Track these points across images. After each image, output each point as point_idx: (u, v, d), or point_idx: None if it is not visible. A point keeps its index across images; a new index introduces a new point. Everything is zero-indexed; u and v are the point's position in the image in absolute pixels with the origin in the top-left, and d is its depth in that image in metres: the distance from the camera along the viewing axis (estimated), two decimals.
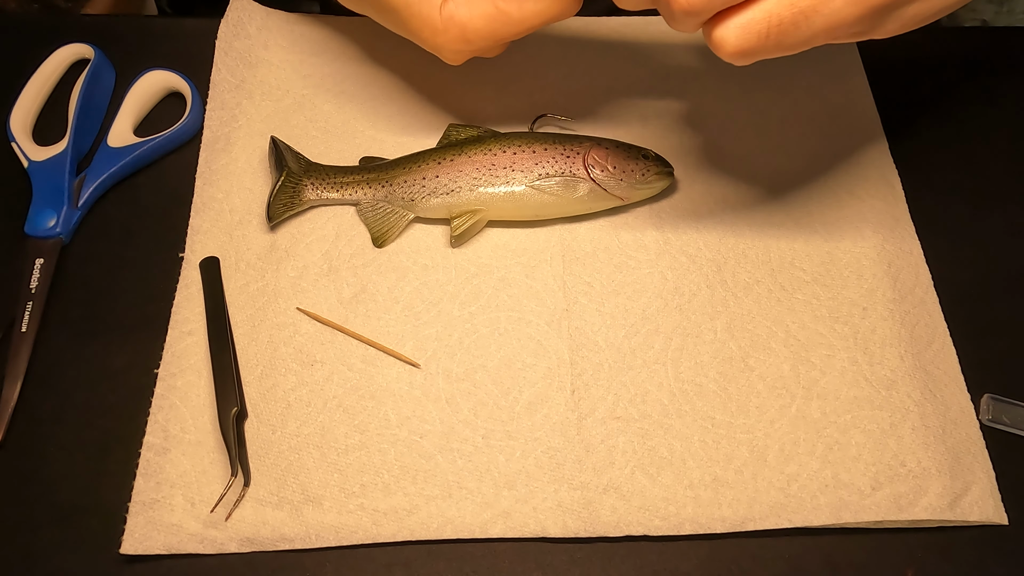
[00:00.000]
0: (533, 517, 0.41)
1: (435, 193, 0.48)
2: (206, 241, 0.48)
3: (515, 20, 0.41)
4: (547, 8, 0.40)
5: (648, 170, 0.49)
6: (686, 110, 0.54)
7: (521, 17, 0.40)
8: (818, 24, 0.34)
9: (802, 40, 0.34)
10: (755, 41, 0.34)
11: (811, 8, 0.33)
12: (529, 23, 0.41)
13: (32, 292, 0.46)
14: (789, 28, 0.34)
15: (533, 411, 0.43)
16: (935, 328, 0.47)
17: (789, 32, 0.34)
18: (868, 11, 0.34)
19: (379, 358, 0.45)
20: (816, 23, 0.34)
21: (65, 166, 0.49)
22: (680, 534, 0.41)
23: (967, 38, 0.60)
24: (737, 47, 0.34)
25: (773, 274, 0.48)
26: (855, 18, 0.34)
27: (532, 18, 0.41)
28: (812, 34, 0.34)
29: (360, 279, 0.47)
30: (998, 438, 0.44)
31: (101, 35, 0.56)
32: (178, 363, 0.44)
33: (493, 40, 0.42)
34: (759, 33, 0.34)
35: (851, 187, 0.51)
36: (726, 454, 0.42)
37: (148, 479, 0.41)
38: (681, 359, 0.45)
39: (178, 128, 0.51)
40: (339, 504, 0.41)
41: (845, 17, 0.34)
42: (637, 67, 0.56)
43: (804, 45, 0.35)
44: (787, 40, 0.34)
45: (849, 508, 0.41)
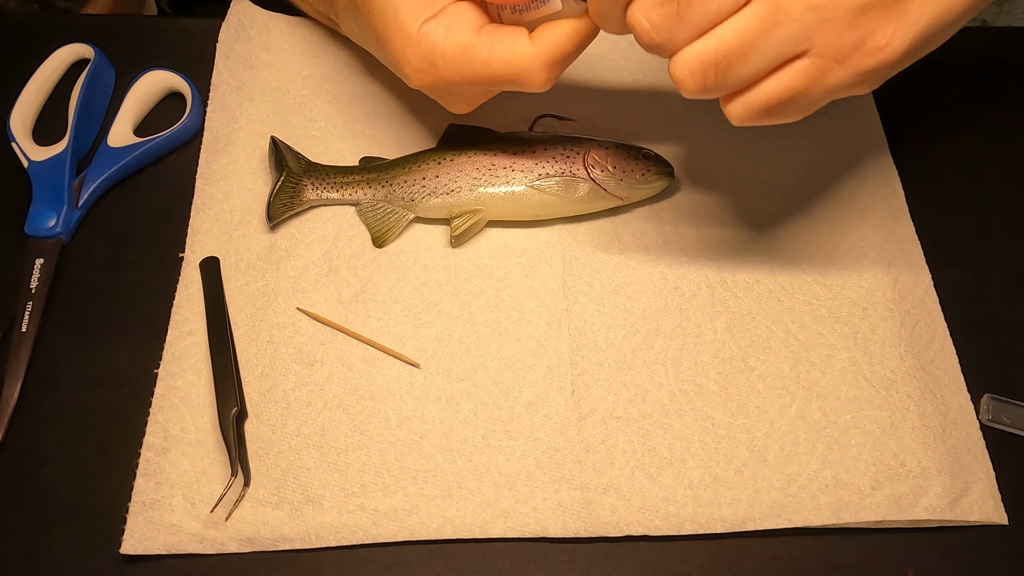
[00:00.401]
0: (533, 517, 0.41)
1: (435, 193, 0.48)
2: (206, 241, 0.48)
3: (482, 60, 0.39)
4: (514, 58, 0.39)
5: (648, 170, 0.49)
6: (686, 110, 0.54)
7: (488, 58, 0.39)
8: (764, 58, 0.34)
9: (748, 76, 0.35)
10: (700, 81, 0.34)
11: (759, 37, 0.33)
12: (494, 69, 0.39)
13: (32, 292, 0.46)
14: (735, 63, 0.34)
15: (533, 411, 0.43)
16: (935, 328, 0.47)
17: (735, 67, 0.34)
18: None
19: (379, 358, 0.45)
20: (762, 57, 0.34)
21: (65, 166, 0.49)
22: (680, 534, 0.41)
23: (967, 38, 0.60)
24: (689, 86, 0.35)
25: (773, 274, 0.48)
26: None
27: (498, 64, 0.39)
28: (760, 67, 0.34)
29: (360, 279, 0.47)
30: (998, 438, 0.44)
31: (101, 35, 0.56)
32: (178, 363, 0.44)
33: (458, 74, 0.40)
34: (704, 73, 0.34)
35: (851, 187, 0.51)
36: (726, 454, 0.42)
37: (148, 479, 0.41)
38: (681, 359, 0.45)
39: (178, 128, 0.51)
40: (339, 504, 0.41)
41: (795, 41, 0.33)
42: (637, 67, 0.56)
43: (744, 82, 0.35)
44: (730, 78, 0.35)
45: (849, 508, 0.41)
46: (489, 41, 0.39)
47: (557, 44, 0.39)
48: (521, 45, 0.39)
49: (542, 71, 0.39)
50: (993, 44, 0.59)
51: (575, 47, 0.39)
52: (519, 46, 0.39)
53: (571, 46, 0.39)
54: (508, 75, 0.39)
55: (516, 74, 0.39)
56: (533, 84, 0.40)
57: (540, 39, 0.39)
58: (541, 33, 0.39)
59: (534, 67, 0.39)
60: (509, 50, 0.39)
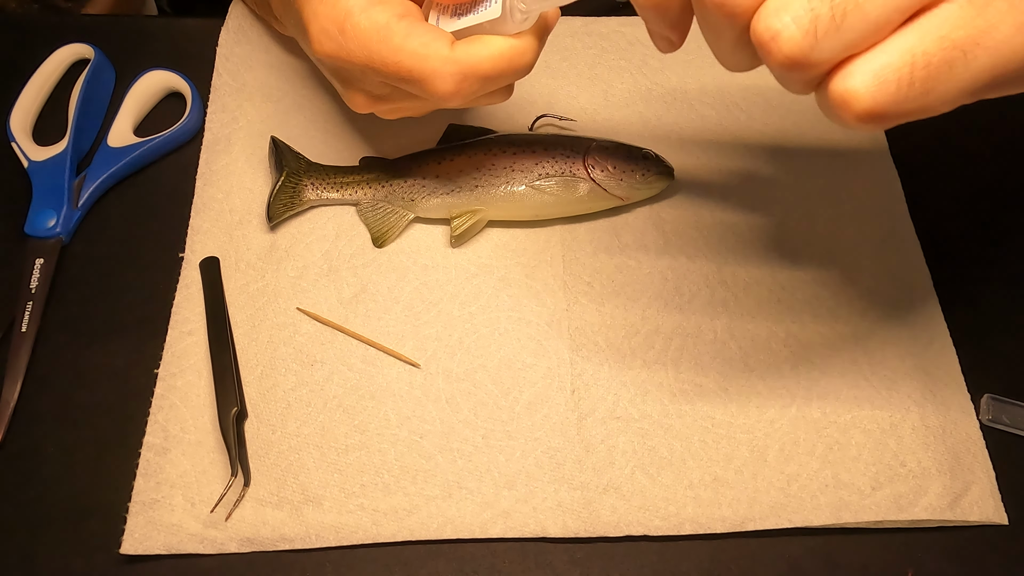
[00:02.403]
0: (533, 517, 0.41)
1: (435, 193, 0.48)
2: (206, 241, 0.48)
3: (392, 45, 0.36)
4: (426, 55, 0.36)
5: (648, 170, 0.49)
6: (686, 110, 0.54)
7: (400, 46, 0.36)
8: (980, 63, 0.25)
9: (959, 88, 0.26)
10: (894, 93, 0.26)
11: (969, 41, 0.25)
12: (401, 60, 0.36)
13: (32, 292, 0.46)
14: (941, 71, 0.26)
15: (533, 411, 0.43)
16: (935, 328, 0.47)
17: (941, 77, 0.26)
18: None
19: (379, 358, 0.45)
20: (977, 62, 0.25)
21: (65, 166, 0.49)
22: (680, 534, 0.41)
23: None
24: (871, 104, 0.26)
25: (773, 274, 0.48)
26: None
27: (407, 56, 0.36)
28: (971, 78, 0.26)
29: (360, 279, 0.47)
30: (998, 438, 0.44)
31: (101, 35, 0.56)
32: (178, 363, 0.44)
33: (363, 52, 0.37)
34: (899, 82, 0.26)
35: (851, 187, 0.51)
36: (726, 454, 0.42)
37: (148, 479, 0.41)
38: (681, 359, 0.45)
39: (178, 128, 0.51)
40: (339, 504, 0.41)
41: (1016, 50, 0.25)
42: (637, 67, 0.56)
43: (960, 97, 0.27)
44: (938, 89, 0.26)
45: (849, 508, 0.41)
46: (407, 30, 0.36)
47: (476, 60, 0.36)
48: (438, 46, 0.36)
49: (450, 79, 0.36)
50: None
51: (495, 71, 0.36)
52: (435, 46, 0.36)
53: (491, 67, 0.36)
54: (414, 71, 0.36)
55: (422, 74, 0.36)
56: (438, 91, 0.36)
57: (461, 48, 0.36)
58: (465, 43, 0.36)
59: (443, 72, 0.36)
60: (424, 45, 0.36)
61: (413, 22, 0.37)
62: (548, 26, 0.37)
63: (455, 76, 0.36)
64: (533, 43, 0.37)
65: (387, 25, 0.36)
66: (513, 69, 0.36)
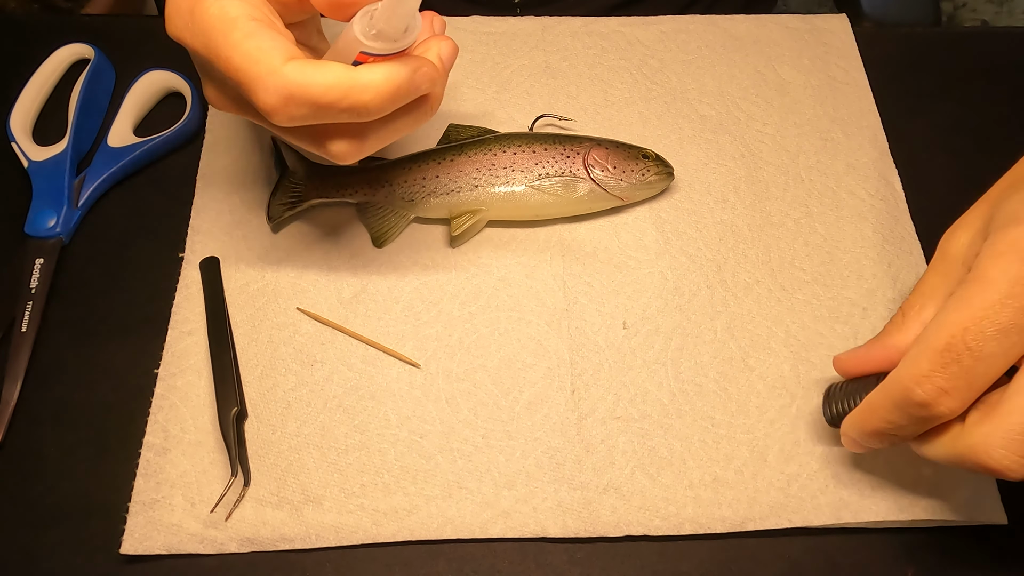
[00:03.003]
0: (533, 517, 0.41)
1: (435, 193, 0.48)
2: (206, 241, 0.48)
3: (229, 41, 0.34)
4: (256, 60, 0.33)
5: (648, 170, 0.49)
6: (686, 110, 0.54)
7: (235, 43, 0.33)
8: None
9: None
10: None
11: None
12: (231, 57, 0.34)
13: (32, 292, 0.46)
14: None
15: (533, 411, 0.43)
16: None
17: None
18: None
19: (379, 358, 0.45)
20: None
21: (65, 166, 0.49)
22: (680, 534, 0.41)
23: (967, 38, 0.60)
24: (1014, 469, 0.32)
25: (773, 274, 0.48)
26: None
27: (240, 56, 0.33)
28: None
29: (360, 279, 0.47)
30: None
31: (101, 35, 0.56)
32: (178, 363, 0.44)
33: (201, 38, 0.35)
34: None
35: (851, 187, 0.51)
36: (726, 454, 0.42)
37: (148, 479, 0.41)
38: (681, 359, 0.45)
39: (178, 128, 0.51)
40: (339, 504, 0.41)
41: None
42: (637, 67, 0.56)
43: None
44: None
45: (849, 508, 0.41)
46: (251, 31, 0.34)
47: (306, 82, 0.33)
48: (272, 56, 0.33)
49: (273, 93, 0.33)
50: (993, 44, 0.59)
51: (325, 99, 0.33)
52: (269, 55, 0.33)
53: (320, 94, 0.33)
54: (241, 73, 0.34)
55: (248, 77, 0.33)
56: (260, 102, 0.33)
57: (295, 66, 0.33)
58: (303, 63, 0.33)
59: (268, 85, 0.33)
60: (259, 50, 0.33)
61: (262, 26, 0.34)
62: (404, 77, 0.34)
63: (279, 92, 0.33)
64: (381, 83, 0.33)
65: (234, 20, 0.34)
66: (349, 104, 0.33)
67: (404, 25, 0.34)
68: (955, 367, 0.32)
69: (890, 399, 0.35)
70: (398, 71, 0.34)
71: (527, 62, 0.56)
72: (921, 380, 0.33)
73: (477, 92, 0.54)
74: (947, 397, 0.33)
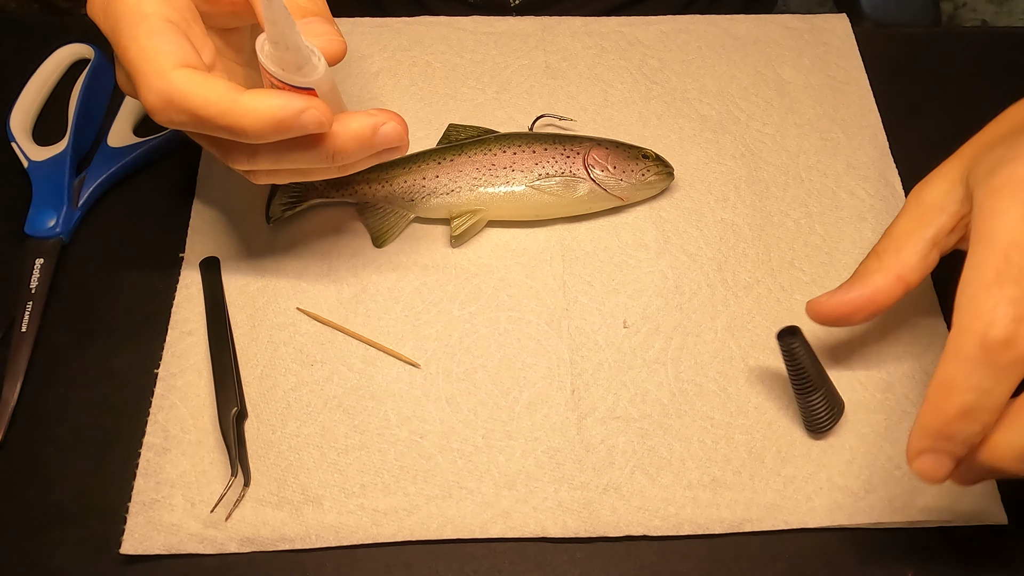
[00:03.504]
0: (533, 517, 0.41)
1: (435, 193, 0.48)
2: (206, 241, 0.48)
3: (132, 33, 0.34)
4: (147, 58, 0.34)
5: (648, 170, 0.49)
6: (686, 110, 0.54)
7: (136, 35, 0.34)
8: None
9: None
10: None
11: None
12: (128, 48, 0.34)
13: (32, 292, 0.46)
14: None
15: (533, 411, 0.43)
16: (935, 329, 0.47)
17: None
18: None
19: (379, 358, 0.45)
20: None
21: (65, 166, 0.49)
22: (679, 534, 0.41)
23: (967, 38, 0.60)
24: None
25: (773, 274, 0.48)
26: None
27: (136, 50, 0.34)
28: None
29: (360, 279, 0.47)
30: None
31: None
32: (178, 363, 0.44)
33: (109, 22, 0.35)
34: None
35: (851, 187, 0.51)
36: (724, 455, 0.42)
37: (148, 479, 0.41)
38: (681, 359, 0.45)
39: None
40: (339, 504, 0.41)
41: None
42: (637, 67, 0.56)
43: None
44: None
45: (843, 510, 0.41)
46: (154, 30, 0.34)
47: (187, 89, 0.33)
48: (164, 58, 0.34)
49: (156, 94, 0.34)
50: (993, 44, 0.59)
51: (203, 112, 0.34)
52: (163, 56, 0.34)
53: (199, 105, 0.34)
54: (132, 66, 0.34)
55: (137, 72, 0.34)
56: (143, 99, 0.34)
57: (182, 73, 0.34)
58: (194, 73, 0.34)
59: (152, 85, 0.34)
60: (154, 49, 0.34)
61: (169, 28, 0.35)
62: (288, 111, 0.34)
63: (161, 94, 0.34)
64: (261, 111, 0.34)
65: (144, 16, 0.35)
66: (227, 123, 0.34)
67: (295, 60, 0.35)
68: (1015, 288, 0.30)
69: (967, 358, 0.31)
70: (283, 104, 0.34)
71: (527, 62, 0.56)
72: (991, 318, 0.30)
73: (477, 92, 0.54)
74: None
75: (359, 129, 0.37)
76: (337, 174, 0.40)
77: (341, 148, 0.37)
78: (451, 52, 0.56)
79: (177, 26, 0.35)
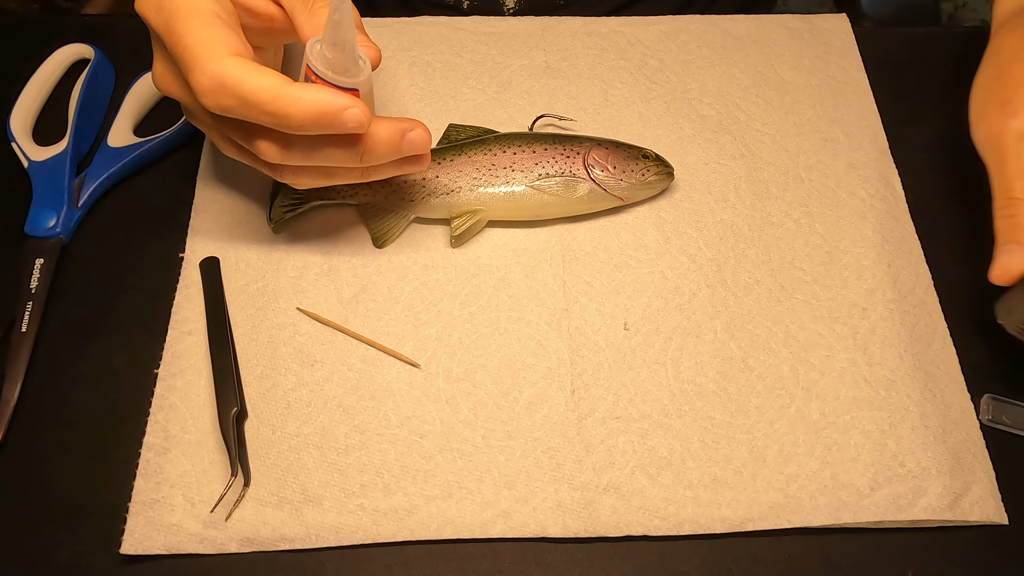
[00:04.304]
0: (533, 517, 0.41)
1: (435, 193, 0.48)
2: (206, 241, 0.48)
3: (188, 26, 0.37)
4: (204, 46, 0.36)
5: (648, 170, 0.49)
6: (686, 110, 0.54)
7: (191, 27, 0.37)
8: None
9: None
10: None
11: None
12: (183, 36, 0.37)
13: (32, 292, 0.46)
14: None
15: (533, 411, 0.43)
16: (935, 328, 0.47)
17: None
18: None
19: (379, 358, 0.45)
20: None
21: (65, 166, 0.49)
22: (680, 534, 0.41)
23: (967, 38, 0.60)
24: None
25: (773, 274, 0.48)
26: None
27: (193, 39, 0.37)
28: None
29: (360, 279, 0.47)
30: (998, 438, 0.44)
31: (101, 35, 0.56)
32: (178, 363, 0.44)
33: (166, 15, 0.38)
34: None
35: (851, 187, 0.51)
36: (725, 454, 0.42)
37: (148, 479, 0.41)
38: (681, 359, 0.45)
39: (178, 128, 0.51)
40: (339, 504, 0.41)
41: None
42: (637, 67, 0.56)
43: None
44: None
45: (848, 508, 0.41)
46: (210, 22, 0.37)
47: (242, 75, 0.36)
48: (220, 46, 0.36)
49: (210, 77, 0.36)
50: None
51: (253, 98, 0.36)
52: (219, 44, 0.36)
53: (250, 91, 0.36)
54: (187, 51, 0.36)
55: (192, 58, 0.36)
56: (195, 82, 0.36)
57: (237, 60, 0.36)
58: (246, 61, 0.36)
59: (207, 69, 0.36)
60: (211, 38, 0.36)
61: (222, 23, 0.37)
62: (332, 106, 0.36)
63: (215, 77, 0.36)
64: (308, 102, 0.36)
65: (200, 11, 0.37)
66: (273, 109, 0.36)
67: (345, 62, 0.38)
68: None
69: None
70: (328, 99, 0.36)
71: (527, 62, 0.56)
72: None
73: (477, 92, 0.54)
74: None
75: (390, 134, 0.39)
76: (360, 178, 0.42)
77: (371, 149, 0.39)
78: (451, 52, 0.56)
79: (229, 23, 0.38)
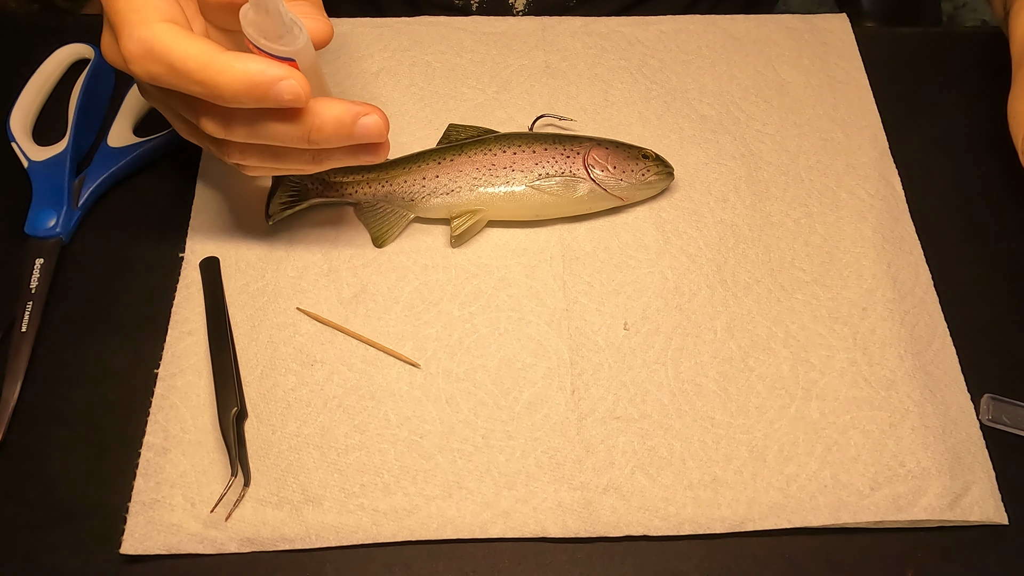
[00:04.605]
0: (533, 517, 0.41)
1: (435, 193, 0.48)
2: (206, 241, 0.48)
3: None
4: (129, 9, 0.35)
5: (648, 170, 0.49)
6: (686, 110, 0.54)
7: None
8: None
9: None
10: None
11: None
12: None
13: (32, 292, 0.46)
14: None
15: (533, 411, 0.43)
16: (935, 328, 0.47)
17: None
18: None
19: (379, 358, 0.45)
20: None
21: (65, 166, 0.49)
22: (680, 534, 0.41)
23: (967, 38, 0.60)
24: None
25: (773, 274, 0.48)
26: None
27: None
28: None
29: (360, 279, 0.47)
30: (998, 438, 0.44)
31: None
32: (178, 363, 0.44)
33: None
34: None
35: (851, 187, 0.51)
36: (725, 454, 0.42)
37: (148, 479, 0.41)
38: (681, 359, 0.45)
39: None
40: (339, 504, 0.41)
41: None
42: (637, 67, 0.56)
43: None
44: None
45: (848, 508, 0.41)
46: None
47: (170, 41, 0.34)
48: (151, 11, 0.35)
49: (137, 43, 0.34)
50: (993, 44, 0.59)
51: (182, 65, 0.34)
52: (149, 9, 0.35)
53: (178, 58, 0.34)
54: (117, 15, 0.35)
55: (122, 22, 0.35)
56: (123, 47, 0.35)
57: (167, 26, 0.35)
58: (177, 28, 0.35)
59: (134, 33, 0.34)
60: (143, 2, 0.35)
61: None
62: (265, 77, 0.35)
63: (142, 42, 0.34)
64: (238, 72, 0.34)
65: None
66: (202, 79, 0.34)
67: (275, 27, 0.36)
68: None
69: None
70: (261, 68, 0.34)
71: (527, 62, 0.56)
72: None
73: (477, 92, 0.54)
74: None
75: (340, 114, 0.37)
76: (312, 164, 0.40)
77: (318, 128, 0.37)
78: (451, 52, 0.56)
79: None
